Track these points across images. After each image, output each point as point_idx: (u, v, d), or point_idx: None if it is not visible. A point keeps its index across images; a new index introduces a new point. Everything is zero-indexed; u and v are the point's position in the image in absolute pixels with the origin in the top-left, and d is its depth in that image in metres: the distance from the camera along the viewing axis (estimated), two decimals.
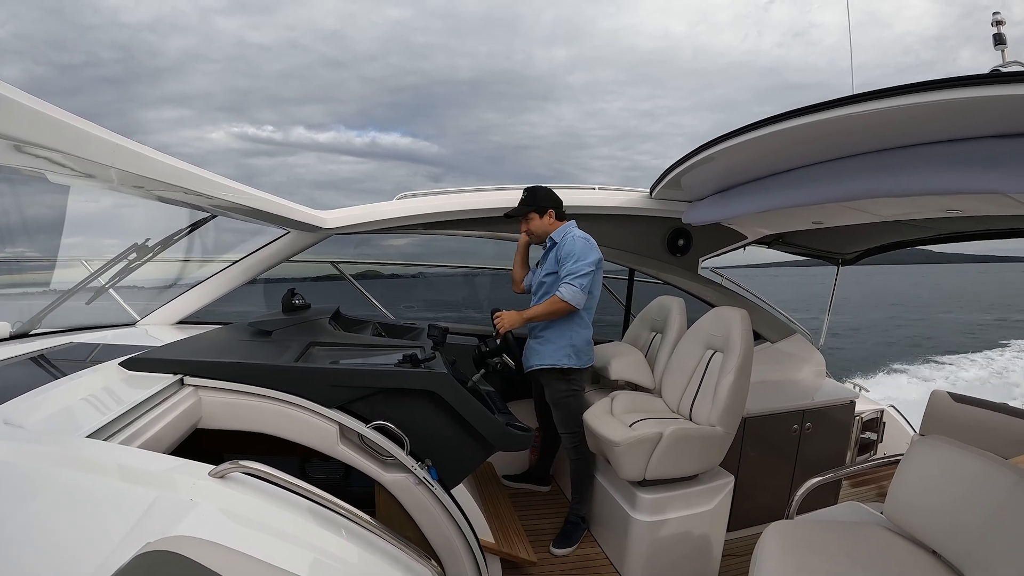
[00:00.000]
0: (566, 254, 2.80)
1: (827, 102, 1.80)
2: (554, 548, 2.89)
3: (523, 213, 2.98)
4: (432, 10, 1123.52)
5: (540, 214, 2.96)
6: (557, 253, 2.87)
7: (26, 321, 2.42)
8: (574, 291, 2.74)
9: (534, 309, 2.85)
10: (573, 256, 2.77)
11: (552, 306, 2.78)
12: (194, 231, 2.84)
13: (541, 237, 3.02)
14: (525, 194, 3.02)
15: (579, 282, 2.74)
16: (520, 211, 2.99)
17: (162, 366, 1.80)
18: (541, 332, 2.95)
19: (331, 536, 1.06)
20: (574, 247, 2.79)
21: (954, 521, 1.73)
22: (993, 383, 15.10)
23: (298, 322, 2.54)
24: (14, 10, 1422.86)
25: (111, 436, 1.32)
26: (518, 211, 3.00)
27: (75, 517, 0.89)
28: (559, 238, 2.91)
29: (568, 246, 2.81)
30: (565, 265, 2.78)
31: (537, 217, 2.96)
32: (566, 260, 2.79)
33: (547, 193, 2.99)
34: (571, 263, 2.76)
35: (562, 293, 2.74)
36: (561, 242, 2.88)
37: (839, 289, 4.56)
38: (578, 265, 2.75)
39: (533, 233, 3.01)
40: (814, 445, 3.36)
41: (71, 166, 1.46)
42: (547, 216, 2.96)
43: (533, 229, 2.99)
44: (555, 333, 2.90)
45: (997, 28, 1.71)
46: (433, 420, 1.97)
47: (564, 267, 2.79)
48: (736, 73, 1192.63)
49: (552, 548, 2.89)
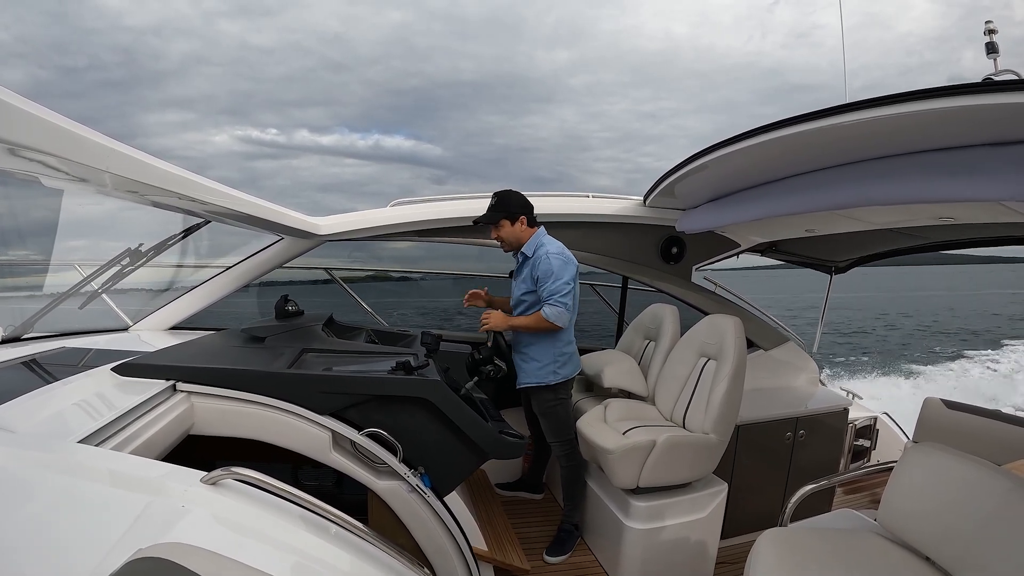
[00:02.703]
0: (543, 274, 2.74)
1: (819, 111, 1.81)
2: (547, 556, 2.89)
3: (494, 220, 2.84)
4: (434, 13, 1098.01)
5: (512, 221, 2.83)
6: (533, 271, 2.80)
7: (18, 325, 2.41)
8: (559, 311, 2.71)
9: (520, 319, 2.82)
10: (551, 275, 2.72)
11: (538, 322, 2.75)
12: (188, 236, 2.83)
13: (512, 245, 2.91)
14: (495, 199, 2.87)
15: (561, 302, 2.72)
16: (490, 218, 2.84)
17: (154, 372, 1.79)
18: (525, 348, 2.91)
19: (323, 543, 1.05)
20: (550, 266, 2.72)
21: (947, 527, 1.73)
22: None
23: (291, 328, 2.53)
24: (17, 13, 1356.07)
25: (103, 442, 1.31)
26: (488, 218, 2.85)
27: (66, 523, 0.88)
28: (531, 252, 2.83)
29: (544, 265, 2.74)
30: (544, 285, 2.74)
31: (508, 224, 2.83)
32: (544, 280, 2.74)
33: (518, 198, 2.87)
34: (550, 283, 2.72)
35: (547, 314, 2.71)
36: (535, 259, 2.79)
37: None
38: (557, 285, 2.71)
39: (504, 240, 2.90)
40: (807, 452, 3.36)
41: (65, 170, 1.45)
42: (519, 223, 2.84)
43: (504, 236, 2.87)
44: (539, 350, 2.86)
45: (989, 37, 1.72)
46: (426, 427, 1.97)
47: (543, 287, 2.74)
48: (739, 75, 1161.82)
49: (545, 556, 2.89)
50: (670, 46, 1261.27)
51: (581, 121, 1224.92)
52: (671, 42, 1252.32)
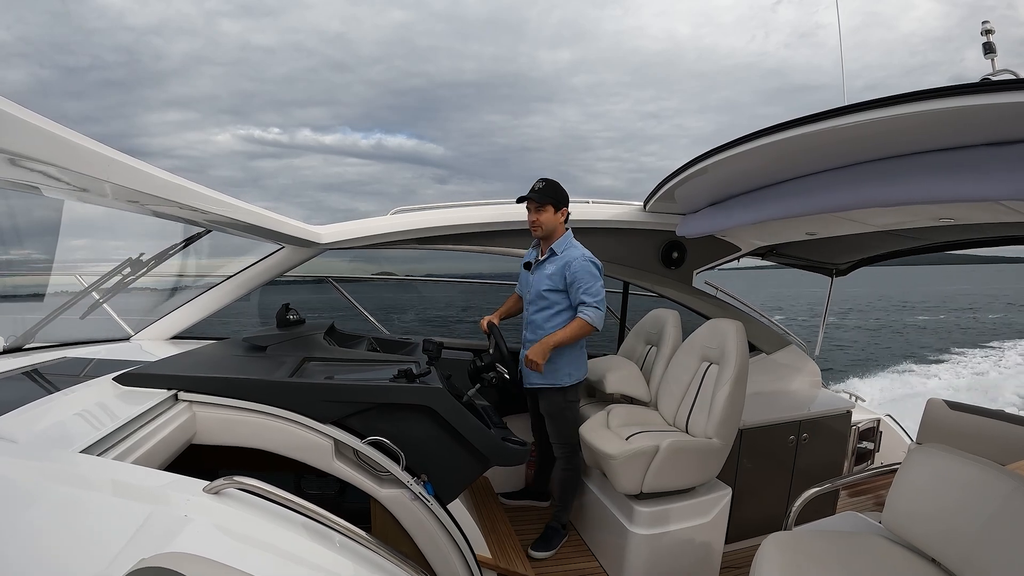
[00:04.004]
0: (581, 277, 2.76)
1: (818, 114, 1.81)
2: (532, 551, 2.90)
3: (543, 202, 2.83)
4: (436, 13, 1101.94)
5: (556, 208, 2.85)
6: (565, 271, 2.81)
7: (19, 335, 2.41)
8: (601, 315, 2.76)
9: (560, 335, 2.77)
10: (588, 278, 2.76)
11: (581, 330, 2.76)
12: (188, 246, 2.84)
13: (547, 232, 2.89)
14: (543, 184, 2.85)
15: (603, 305, 2.77)
16: (541, 198, 2.83)
17: (156, 381, 1.79)
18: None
19: (327, 552, 1.05)
20: (590, 269, 2.78)
21: (952, 528, 1.73)
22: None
23: (292, 337, 2.53)
24: (19, 14, 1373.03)
25: (105, 451, 1.31)
26: (538, 197, 2.83)
27: (69, 533, 0.88)
28: (561, 251, 2.86)
29: (581, 268, 2.77)
30: (582, 288, 2.76)
31: (552, 211, 2.84)
32: (581, 282, 2.76)
33: (564, 192, 2.89)
34: (588, 285, 2.75)
35: (591, 319, 2.73)
36: (567, 259, 2.81)
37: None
38: (597, 287, 2.77)
39: (542, 226, 2.87)
40: (811, 455, 3.35)
41: (66, 180, 1.46)
42: (560, 213, 2.87)
43: (543, 222, 2.85)
44: (557, 353, 2.84)
45: (987, 37, 1.72)
46: (429, 435, 1.96)
47: (581, 290, 2.76)
48: (741, 75, 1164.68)
49: (530, 550, 2.89)
50: (673, 46, 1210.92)
51: (583, 121, 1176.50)
52: (674, 42, 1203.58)
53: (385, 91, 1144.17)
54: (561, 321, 2.86)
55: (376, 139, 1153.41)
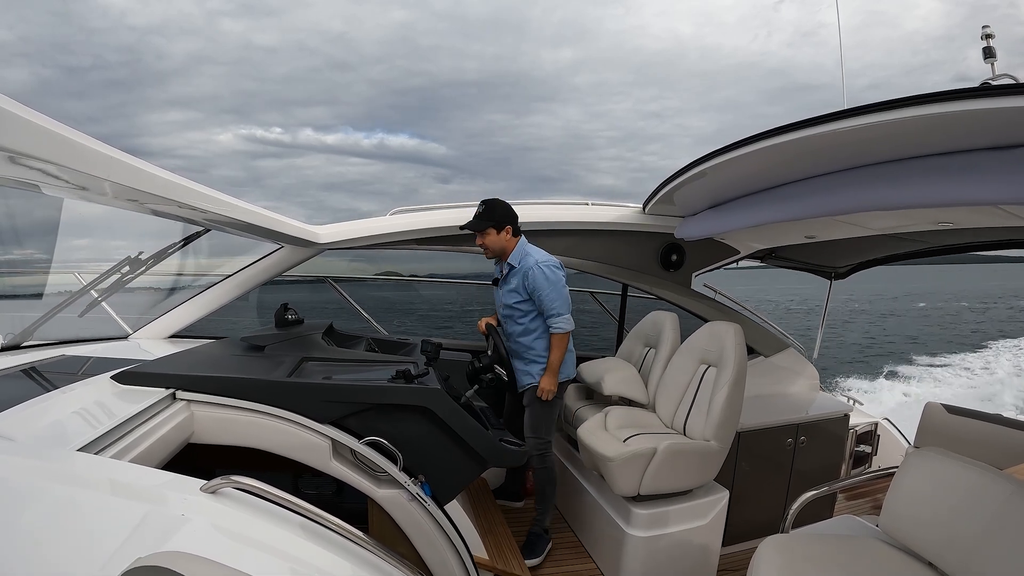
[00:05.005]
0: (538, 286, 2.80)
1: (818, 117, 1.81)
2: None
3: (481, 228, 2.90)
4: (438, 12, 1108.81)
5: (498, 229, 2.90)
6: (524, 282, 2.85)
7: (18, 333, 2.41)
8: (567, 317, 2.83)
9: (553, 358, 2.87)
10: (545, 286, 2.80)
11: (561, 341, 2.85)
12: (187, 245, 2.83)
13: (496, 253, 2.97)
14: (482, 208, 2.92)
15: (566, 309, 2.84)
16: (477, 225, 2.90)
17: (154, 380, 1.79)
18: (529, 352, 2.96)
19: (324, 552, 1.05)
20: (544, 277, 2.80)
21: (950, 532, 1.73)
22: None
23: (291, 337, 2.53)
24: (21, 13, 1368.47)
25: (102, 450, 1.31)
26: (475, 225, 2.91)
27: (66, 532, 0.88)
28: (517, 262, 2.89)
29: (537, 278, 2.80)
30: (543, 298, 2.80)
31: (494, 232, 2.90)
32: (541, 292, 2.80)
33: (505, 208, 2.93)
34: (547, 294, 2.80)
35: (562, 328, 2.82)
36: (524, 270, 2.86)
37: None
38: (555, 293, 2.81)
39: (489, 248, 2.96)
40: (809, 459, 3.35)
41: (65, 178, 1.46)
42: (504, 232, 2.91)
43: (489, 244, 2.93)
44: (543, 355, 2.92)
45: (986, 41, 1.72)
46: (426, 436, 1.96)
47: (543, 301, 2.81)
48: (744, 74, 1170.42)
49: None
50: (675, 45, 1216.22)
51: (585, 120, 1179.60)
52: (676, 42, 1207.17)
53: (387, 91, 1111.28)
54: (536, 326, 2.93)
55: (378, 139, 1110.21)
